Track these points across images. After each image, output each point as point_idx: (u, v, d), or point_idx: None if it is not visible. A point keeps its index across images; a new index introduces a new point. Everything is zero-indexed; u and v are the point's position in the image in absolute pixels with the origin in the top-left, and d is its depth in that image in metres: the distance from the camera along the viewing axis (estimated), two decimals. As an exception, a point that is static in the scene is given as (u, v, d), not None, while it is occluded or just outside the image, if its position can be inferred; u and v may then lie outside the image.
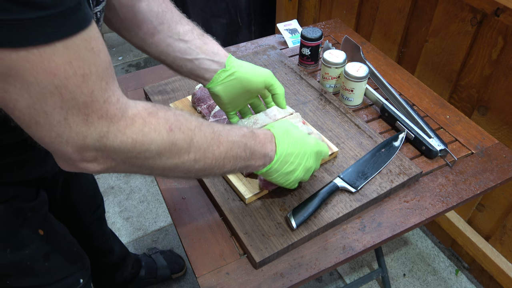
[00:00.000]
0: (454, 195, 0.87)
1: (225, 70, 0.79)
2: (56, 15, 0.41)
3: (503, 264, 1.39)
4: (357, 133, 0.97)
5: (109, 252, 1.30)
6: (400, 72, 1.20)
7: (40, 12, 0.40)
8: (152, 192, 1.90)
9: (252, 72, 0.81)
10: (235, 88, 0.81)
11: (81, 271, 0.92)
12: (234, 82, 0.80)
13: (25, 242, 0.78)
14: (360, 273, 1.61)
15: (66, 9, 0.41)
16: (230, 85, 0.80)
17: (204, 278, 0.73)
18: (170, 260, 1.56)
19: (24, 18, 0.39)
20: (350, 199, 0.82)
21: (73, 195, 1.05)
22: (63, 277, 0.88)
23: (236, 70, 0.79)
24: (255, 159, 0.67)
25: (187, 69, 0.80)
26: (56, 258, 0.85)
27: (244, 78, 0.80)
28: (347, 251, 0.77)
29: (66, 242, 0.90)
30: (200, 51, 0.78)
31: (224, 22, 2.38)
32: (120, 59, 2.70)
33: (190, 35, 0.78)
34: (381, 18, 1.53)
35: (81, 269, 0.92)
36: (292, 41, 1.33)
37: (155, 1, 0.76)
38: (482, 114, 1.29)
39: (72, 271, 0.90)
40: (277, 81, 0.83)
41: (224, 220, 0.82)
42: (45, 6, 0.40)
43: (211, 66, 0.79)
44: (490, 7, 1.12)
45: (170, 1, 0.80)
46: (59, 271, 0.87)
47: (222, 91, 0.81)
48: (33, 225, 0.79)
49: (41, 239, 0.81)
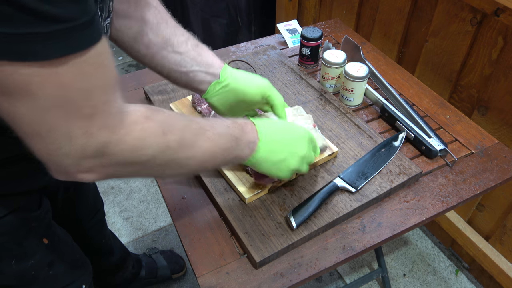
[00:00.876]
0: (454, 195, 0.87)
1: (219, 82, 0.78)
2: (72, 29, 0.40)
3: (503, 264, 1.39)
4: (357, 133, 0.97)
5: (109, 254, 1.31)
6: (400, 72, 1.20)
7: (56, 25, 0.39)
8: (152, 192, 1.90)
9: (248, 84, 0.79)
10: (230, 99, 0.80)
11: (83, 277, 0.92)
12: (229, 94, 0.80)
13: (30, 252, 0.78)
14: (360, 273, 1.61)
15: (81, 23, 0.41)
16: (225, 97, 0.80)
17: (204, 278, 0.73)
18: (170, 260, 1.56)
19: (40, 32, 0.38)
20: (350, 199, 0.82)
21: (73, 201, 1.05)
22: (66, 284, 0.87)
23: (230, 82, 0.79)
24: (242, 147, 0.67)
25: (183, 81, 0.79)
26: (60, 265, 0.84)
27: (239, 90, 0.79)
28: (347, 251, 0.77)
29: (69, 249, 0.90)
30: (195, 63, 0.77)
31: (224, 22, 2.38)
32: (120, 59, 2.70)
33: (184, 47, 0.77)
34: (381, 18, 1.53)
35: (83, 275, 0.92)
36: (292, 41, 1.33)
37: (150, 12, 0.75)
38: (482, 114, 1.29)
39: (75, 277, 0.90)
40: (274, 91, 0.81)
41: (224, 220, 0.82)
42: (62, 19, 0.39)
43: (206, 78, 0.78)
44: (490, 7, 1.12)
45: (166, 11, 0.78)
46: (63, 278, 0.87)
47: (217, 102, 0.81)
48: (37, 234, 0.79)
49: (46, 248, 0.80)
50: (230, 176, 0.84)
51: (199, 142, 0.60)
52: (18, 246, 0.76)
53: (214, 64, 0.78)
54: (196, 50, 0.78)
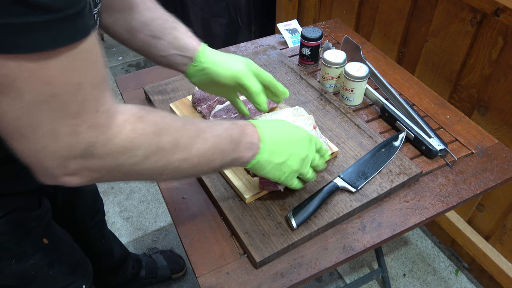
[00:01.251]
0: (454, 195, 0.87)
1: (194, 65, 0.79)
2: (62, 20, 0.38)
3: (503, 264, 1.39)
4: (357, 133, 0.97)
5: (109, 254, 1.30)
6: (400, 72, 1.20)
7: (45, 15, 0.37)
8: (152, 192, 1.90)
9: (222, 69, 0.78)
10: (209, 82, 0.81)
11: (83, 278, 0.91)
12: (206, 77, 0.80)
13: (30, 252, 0.77)
14: (360, 273, 1.61)
15: (72, 13, 0.39)
16: (204, 79, 0.80)
17: (204, 278, 0.73)
18: (170, 260, 1.56)
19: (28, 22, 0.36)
20: (350, 199, 0.82)
21: (73, 201, 1.05)
22: (66, 284, 0.87)
23: (206, 66, 0.79)
24: (242, 149, 0.65)
25: (164, 63, 0.81)
26: (60, 266, 0.84)
27: (214, 75, 0.79)
28: (347, 251, 0.77)
29: (69, 249, 0.90)
30: (172, 47, 0.78)
31: (224, 22, 2.38)
32: (120, 59, 2.70)
33: (162, 31, 0.77)
34: (381, 18, 1.53)
35: (83, 276, 0.92)
36: (292, 41, 1.33)
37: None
38: (482, 114, 1.29)
39: (75, 278, 0.89)
40: (249, 79, 0.78)
41: (224, 220, 0.82)
42: (51, 9, 0.37)
43: (183, 60, 0.79)
44: (490, 7, 1.12)
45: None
46: (62, 278, 0.86)
47: (198, 83, 0.82)
48: (37, 234, 0.78)
49: (45, 248, 0.80)
50: (230, 176, 0.84)
51: (195, 144, 0.58)
52: (18, 246, 0.75)
53: (189, 47, 0.79)
54: (173, 33, 0.78)
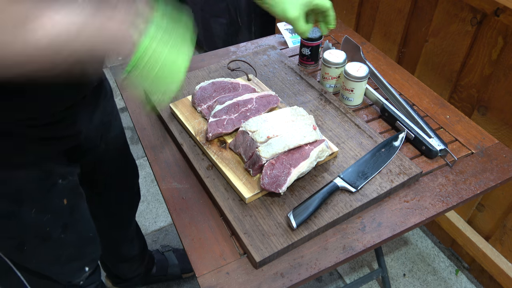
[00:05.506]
0: (454, 195, 0.87)
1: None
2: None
3: (503, 264, 1.39)
4: (357, 133, 0.97)
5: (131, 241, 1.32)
6: (400, 72, 1.20)
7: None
8: (152, 192, 1.90)
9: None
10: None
11: (89, 259, 0.93)
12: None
13: (50, 206, 0.81)
14: (360, 273, 1.61)
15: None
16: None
17: (204, 278, 0.73)
18: (182, 259, 1.56)
19: None
20: (350, 199, 0.82)
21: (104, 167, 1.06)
22: (71, 259, 0.90)
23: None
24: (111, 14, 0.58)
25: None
26: (72, 233, 0.87)
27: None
28: (347, 251, 0.77)
29: (86, 224, 0.92)
30: None
31: (224, 22, 2.38)
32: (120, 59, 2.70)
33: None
34: (381, 18, 1.53)
35: (89, 256, 0.93)
36: (292, 41, 1.33)
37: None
38: (482, 114, 1.29)
39: (82, 255, 0.92)
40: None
41: (224, 220, 0.82)
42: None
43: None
44: (490, 7, 1.12)
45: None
46: (70, 249, 0.89)
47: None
48: (60, 192, 0.82)
49: (63, 209, 0.84)
50: (230, 176, 0.84)
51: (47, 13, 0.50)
52: (42, 196, 0.79)
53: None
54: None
